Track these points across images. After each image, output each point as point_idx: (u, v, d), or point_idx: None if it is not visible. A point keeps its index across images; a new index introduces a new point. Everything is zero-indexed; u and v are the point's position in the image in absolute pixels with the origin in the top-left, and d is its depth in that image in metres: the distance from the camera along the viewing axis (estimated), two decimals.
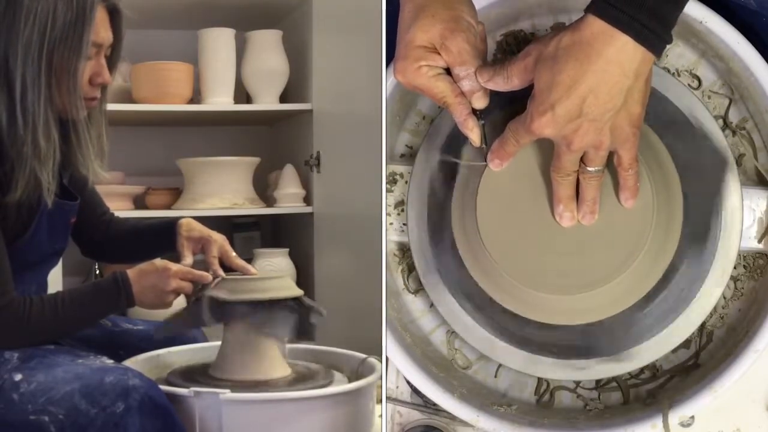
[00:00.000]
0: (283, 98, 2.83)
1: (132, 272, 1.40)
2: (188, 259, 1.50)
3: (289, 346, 1.52)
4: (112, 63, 1.43)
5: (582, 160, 0.94)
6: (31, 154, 1.30)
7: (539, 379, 1.11)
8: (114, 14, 1.40)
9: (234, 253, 1.52)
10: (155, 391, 1.24)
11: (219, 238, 1.52)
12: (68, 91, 1.33)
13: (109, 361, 1.33)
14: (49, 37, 1.30)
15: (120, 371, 1.25)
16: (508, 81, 0.94)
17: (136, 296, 1.39)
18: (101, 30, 1.37)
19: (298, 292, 1.44)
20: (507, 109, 1.00)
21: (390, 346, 1.07)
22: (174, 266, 1.41)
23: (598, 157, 0.93)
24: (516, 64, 0.93)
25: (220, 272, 1.46)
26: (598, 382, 1.11)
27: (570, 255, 1.00)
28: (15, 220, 1.34)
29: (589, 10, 0.86)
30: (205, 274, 1.44)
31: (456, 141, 1.08)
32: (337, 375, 1.49)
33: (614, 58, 0.85)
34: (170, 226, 1.55)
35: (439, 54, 0.94)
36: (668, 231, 1.01)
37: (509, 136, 0.95)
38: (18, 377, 1.26)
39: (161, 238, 1.57)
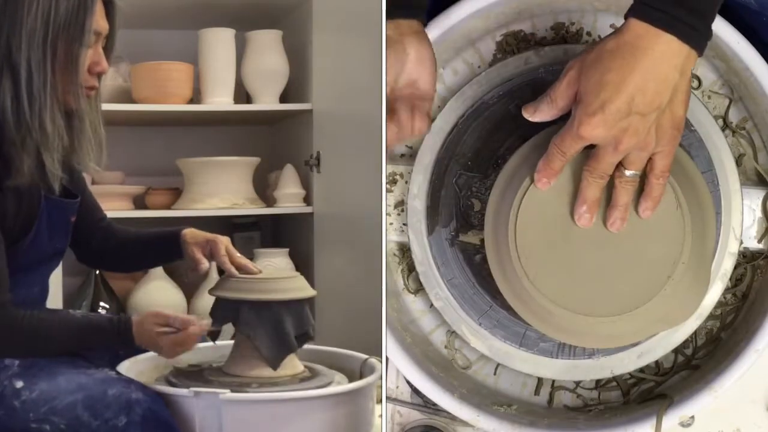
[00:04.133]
0: (283, 98, 2.83)
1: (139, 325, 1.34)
2: (205, 263, 1.48)
3: None
4: (107, 53, 1.44)
5: (620, 164, 0.93)
6: (38, 139, 1.31)
7: (539, 379, 1.11)
8: (108, 5, 1.42)
9: (238, 254, 1.52)
10: (158, 405, 1.24)
11: (224, 239, 1.52)
12: (70, 79, 1.34)
13: (112, 372, 1.32)
14: (53, 25, 1.31)
15: (123, 384, 1.25)
16: (553, 104, 0.93)
17: (138, 342, 1.35)
18: (99, 19, 1.38)
19: (312, 292, 1.44)
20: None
21: (390, 346, 1.07)
22: (195, 329, 1.35)
23: (640, 159, 0.92)
24: (558, 85, 0.93)
25: (234, 271, 1.45)
26: (598, 382, 1.11)
27: (601, 278, 0.97)
28: (15, 220, 1.34)
29: (630, 14, 0.87)
30: (192, 317, 1.39)
31: (456, 141, 1.08)
32: (337, 375, 1.48)
33: (661, 53, 0.86)
34: (174, 237, 1.54)
35: None
36: (702, 258, 0.98)
37: (554, 152, 0.93)
38: (19, 384, 1.25)
39: (165, 249, 1.56)
